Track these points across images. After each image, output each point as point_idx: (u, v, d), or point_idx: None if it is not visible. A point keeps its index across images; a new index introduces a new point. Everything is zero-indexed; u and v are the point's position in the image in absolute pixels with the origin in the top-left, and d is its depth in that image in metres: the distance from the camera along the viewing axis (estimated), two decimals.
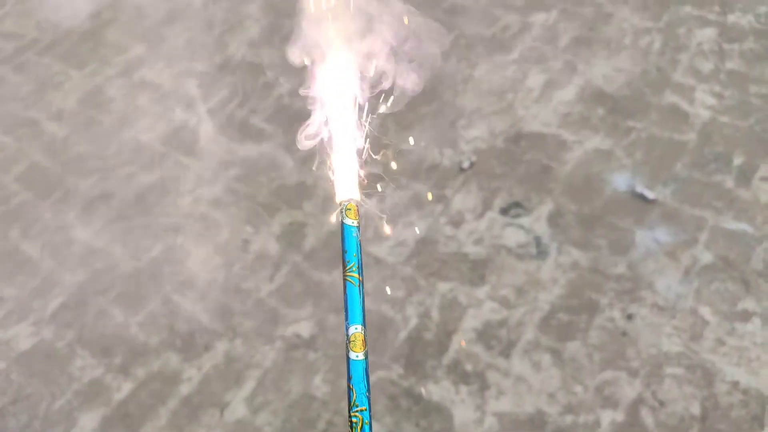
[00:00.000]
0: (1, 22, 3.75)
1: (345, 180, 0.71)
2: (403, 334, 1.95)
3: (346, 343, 0.65)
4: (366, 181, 0.73)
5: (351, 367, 0.64)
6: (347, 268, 0.68)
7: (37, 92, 3.17)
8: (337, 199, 0.71)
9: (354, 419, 0.62)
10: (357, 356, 0.65)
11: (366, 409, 0.62)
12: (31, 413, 1.93)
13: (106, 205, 2.52)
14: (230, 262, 2.24)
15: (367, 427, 0.62)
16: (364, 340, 0.65)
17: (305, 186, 2.46)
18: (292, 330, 2.01)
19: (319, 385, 1.87)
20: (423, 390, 1.82)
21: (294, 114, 2.76)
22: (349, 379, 0.64)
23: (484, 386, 1.81)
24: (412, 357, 1.90)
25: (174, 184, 2.56)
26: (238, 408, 1.85)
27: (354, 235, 0.69)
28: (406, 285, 2.08)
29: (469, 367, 1.86)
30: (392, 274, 2.11)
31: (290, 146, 2.62)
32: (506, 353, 1.87)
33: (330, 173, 0.73)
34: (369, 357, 0.64)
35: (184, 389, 1.91)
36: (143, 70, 3.17)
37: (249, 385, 1.89)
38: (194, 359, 1.98)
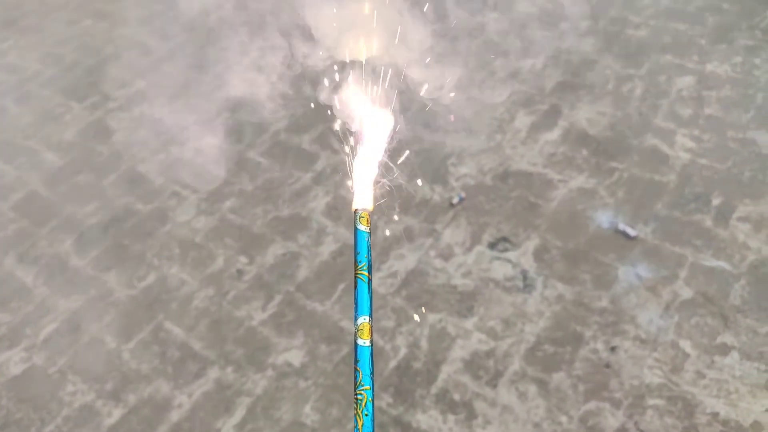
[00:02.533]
0: (5, 55, 3.85)
1: (362, 192, 0.82)
2: (392, 364, 1.99)
3: (355, 332, 0.73)
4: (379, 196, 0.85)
5: (358, 352, 0.72)
6: (359, 267, 0.76)
7: (38, 123, 3.24)
8: (353, 207, 0.81)
9: (359, 396, 0.69)
10: (364, 342, 0.73)
11: (370, 388, 0.70)
12: None
13: (103, 234, 2.56)
14: (224, 290, 2.28)
15: (370, 405, 0.69)
16: (371, 330, 0.73)
17: (299, 218, 2.52)
18: (284, 358, 2.04)
19: (309, 413, 1.89)
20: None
21: (289, 149, 2.85)
22: (356, 362, 0.71)
23: (471, 415, 1.84)
24: (401, 386, 1.93)
25: (171, 214, 2.62)
26: None
27: (366, 239, 0.78)
28: (396, 315, 2.13)
29: (456, 397, 1.89)
30: (383, 305, 2.16)
31: (286, 180, 2.70)
32: (493, 383, 1.91)
33: (350, 185, 0.84)
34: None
35: (175, 416, 1.92)
36: (143, 104, 3.26)
37: (239, 413, 1.91)
38: (185, 386, 2.00)
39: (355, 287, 0.75)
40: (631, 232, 2.28)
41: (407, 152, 1.02)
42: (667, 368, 1.93)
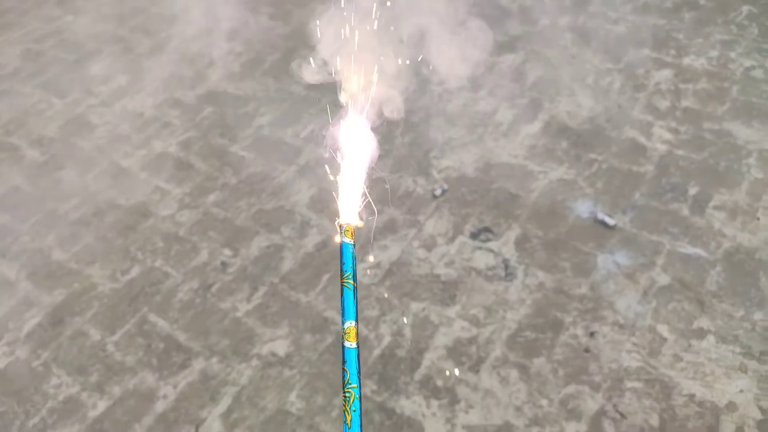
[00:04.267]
0: None
1: (346, 208, 0.89)
2: (376, 352, 2.01)
3: (342, 335, 0.78)
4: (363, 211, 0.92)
5: (346, 353, 0.77)
6: (344, 276, 0.82)
7: (19, 119, 3.22)
8: (339, 222, 0.88)
9: (347, 394, 0.74)
10: (351, 345, 0.78)
11: (357, 386, 0.75)
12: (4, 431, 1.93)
13: (86, 228, 2.56)
14: (208, 283, 2.29)
15: (357, 401, 0.74)
16: (357, 333, 0.79)
17: (283, 211, 2.54)
18: (269, 348, 2.06)
19: (294, 402, 1.91)
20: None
21: (273, 144, 2.86)
22: (344, 362, 0.76)
23: (454, 400, 1.87)
24: (386, 373, 1.95)
25: (154, 208, 2.62)
26: (213, 424, 1.88)
27: (351, 251, 0.84)
28: (380, 305, 2.15)
29: (439, 383, 1.92)
30: (367, 294, 2.18)
31: (270, 173, 2.71)
32: (475, 369, 1.94)
33: (336, 199, 0.91)
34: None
35: (160, 406, 1.93)
36: (125, 99, 3.25)
37: (225, 402, 1.92)
38: (170, 377, 2.00)
39: (342, 294, 0.80)
40: (610, 221, 2.33)
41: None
42: (645, 352, 1.97)
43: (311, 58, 1.16)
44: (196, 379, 1.99)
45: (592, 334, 2.02)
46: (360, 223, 0.89)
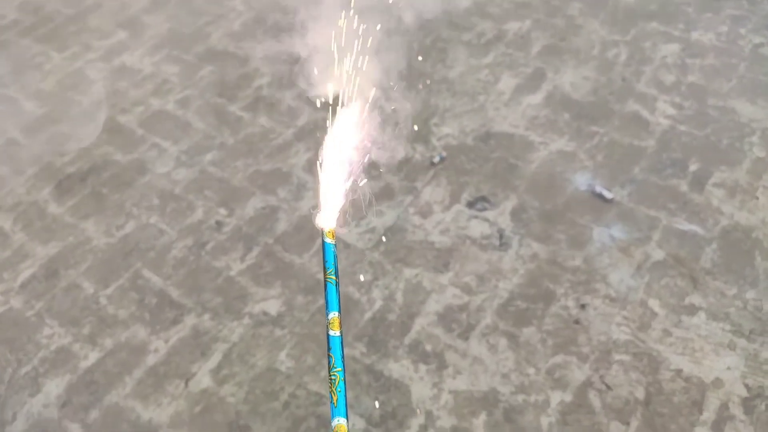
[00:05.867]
0: None
1: (328, 213, 0.98)
2: (367, 315, 2.02)
3: (327, 324, 0.87)
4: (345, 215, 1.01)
5: (330, 341, 0.85)
6: (327, 272, 0.91)
7: (17, 72, 3.18)
8: (322, 226, 0.96)
9: (333, 376, 0.82)
10: (335, 333, 0.86)
11: (341, 370, 0.83)
12: None
13: (81, 183, 2.55)
14: (203, 241, 2.29)
15: (342, 383, 0.82)
16: (340, 322, 0.87)
17: (280, 173, 2.52)
18: (260, 307, 2.07)
19: (284, 360, 1.93)
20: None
21: (272, 105, 2.83)
22: (329, 349, 0.84)
23: (442, 365, 1.89)
24: (376, 337, 1.97)
25: (151, 165, 2.60)
26: (203, 379, 1.90)
27: (332, 250, 0.93)
28: (373, 269, 2.15)
29: (428, 348, 1.93)
30: (360, 259, 2.18)
31: (267, 135, 2.69)
32: (465, 336, 1.96)
33: (320, 204, 0.99)
34: None
35: (151, 360, 1.95)
36: (124, 55, 3.21)
37: (215, 358, 1.94)
38: (162, 332, 2.02)
39: (325, 289, 0.89)
40: (608, 194, 2.31)
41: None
42: (634, 326, 1.98)
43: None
44: (188, 335, 2.01)
45: (583, 306, 2.02)
46: (343, 228, 0.99)
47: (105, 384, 1.90)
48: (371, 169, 1.08)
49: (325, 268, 0.91)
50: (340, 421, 0.79)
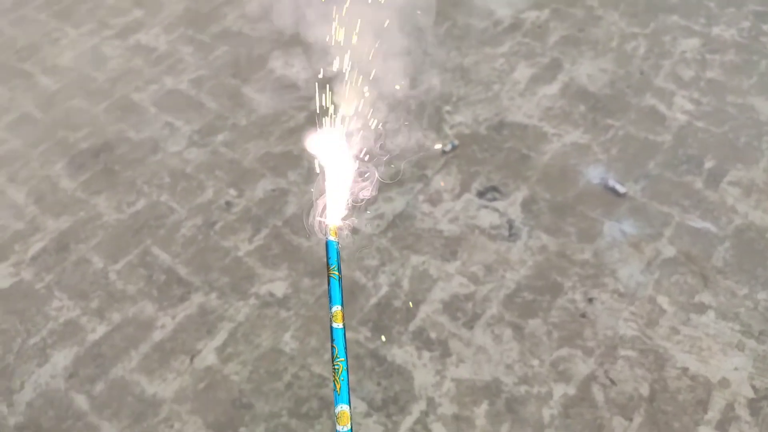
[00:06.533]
0: None
1: (332, 210, 1.02)
2: (373, 300, 2.02)
3: (330, 318, 0.90)
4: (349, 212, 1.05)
5: (334, 333, 0.89)
6: (331, 268, 0.94)
7: (33, 46, 3.20)
8: (327, 223, 1.00)
9: (336, 366, 0.86)
10: (338, 325, 0.89)
11: (344, 360, 0.87)
12: (5, 347, 1.97)
13: (94, 159, 2.56)
14: (212, 221, 2.29)
15: (345, 372, 0.86)
16: (343, 315, 0.91)
17: (291, 156, 2.52)
18: (267, 288, 2.07)
19: (288, 341, 1.93)
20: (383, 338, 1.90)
21: (285, 87, 2.82)
22: (333, 341, 0.88)
23: (445, 353, 1.89)
24: (380, 322, 1.97)
25: (163, 144, 2.61)
26: (208, 356, 1.91)
27: (335, 247, 0.97)
28: (380, 255, 2.15)
29: (433, 335, 1.93)
30: (368, 244, 2.18)
31: (279, 117, 2.68)
32: (470, 325, 1.95)
33: (324, 201, 1.03)
34: None
35: (157, 335, 1.97)
36: (140, 33, 3.21)
37: (221, 337, 1.95)
38: (169, 308, 2.03)
39: (329, 284, 0.93)
40: (621, 188, 2.29)
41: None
42: (642, 322, 1.96)
43: None
44: (195, 313, 2.02)
45: (590, 300, 2.01)
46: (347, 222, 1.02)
47: (111, 357, 1.92)
48: (377, 158, 1.09)
49: (328, 264, 0.95)
50: (343, 408, 0.83)
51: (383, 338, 1.76)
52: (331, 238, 0.98)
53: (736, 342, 1.90)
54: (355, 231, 2.22)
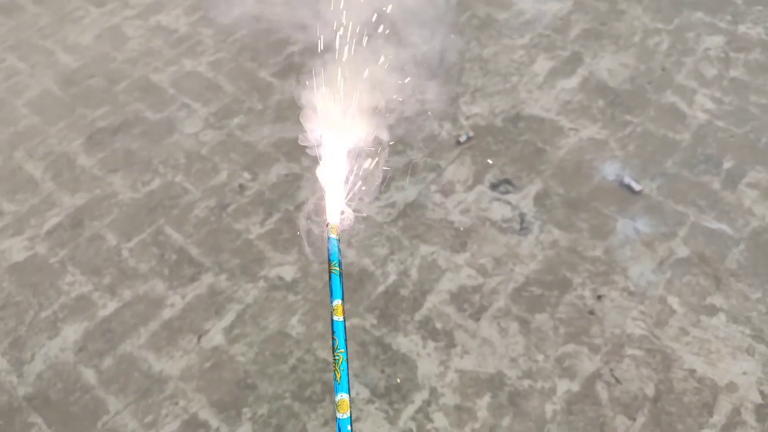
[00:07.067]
0: None
1: (331, 209, 1.06)
2: (380, 288, 2.03)
3: (331, 311, 0.93)
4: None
5: (334, 325, 0.92)
6: (332, 264, 0.98)
7: (55, 24, 3.23)
8: (327, 221, 1.06)
9: (336, 357, 0.90)
10: (339, 318, 0.92)
11: (344, 351, 0.90)
12: (18, 319, 2.01)
13: (111, 137, 2.59)
14: (225, 203, 2.31)
15: (345, 363, 0.89)
16: (343, 309, 0.94)
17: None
18: (276, 272, 2.09)
19: (295, 325, 1.95)
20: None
21: (303, 73, 2.82)
22: (333, 332, 0.91)
23: (450, 344, 1.89)
24: (387, 310, 1.97)
25: (179, 125, 2.63)
26: (215, 337, 1.93)
27: (336, 245, 1.01)
28: (390, 244, 2.15)
29: (439, 325, 1.93)
30: (379, 232, 2.18)
31: (295, 102, 2.68)
32: (476, 317, 1.95)
33: (324, 202, 1.07)
34: (346, 306, 0.96)
35: (167, 314, 1.99)
36: (161, 14, 3.22)
37: (229, 317, 1.97)
38: (179, 288, 2.06)
39: (330, 279, 0.97)
40: (636, 186, 2.26)
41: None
42: (651, 321, 1.94)
43: None
44: (204, 293, 2.04)
45: (599, 297, 1.99)
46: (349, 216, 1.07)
47: (121, 333, 1.95)
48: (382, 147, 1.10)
49: (329, 261, 0.98)
50: (343, 396, 0.87)
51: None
52: (332, 236, 1.02)
53: (746, 346, 1.87)
54: (365, 218, 2.22)
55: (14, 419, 1.79)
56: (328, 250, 1.00)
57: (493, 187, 2.31)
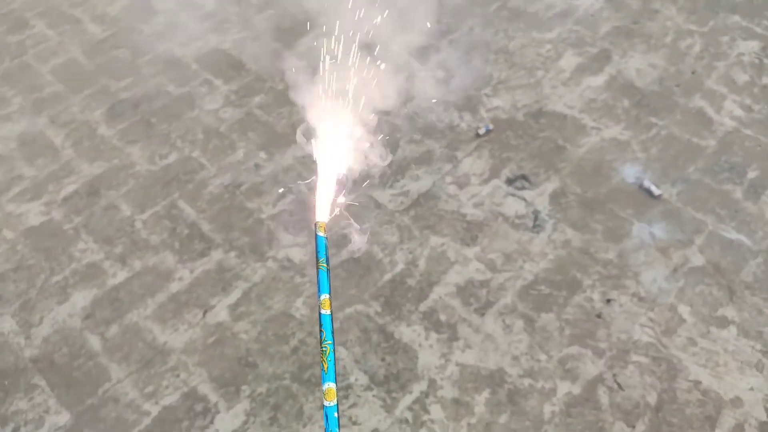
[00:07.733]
0: None
1: (320, 209, 1.14)
2: (387, 276, 2.02)
3: (319, 305, 0.98)
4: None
5: (322, 318, 0.97)
6: (320, 261, 1.04)
7: None
8: (316, 220, 1.12)
9: (324, 348, 0.95)
10: (326, 312, 0.98)
11: (331, 343, 0.95)
12: (29, 282, 2.05)
13: (133, 109, 2.61)
14: (239, 181, 2.32)
15: (332, 354, 0.94)
16: (330, 303, 0.99)
17: None
18: (285, 253, 2.09)
19: (300, 307, 1.95)
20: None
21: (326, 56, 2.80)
22: (321, 325, 0.97)
23: (453, 337, 1.88)
24: (392, 298, 1.97)
25: (200, 101, 2.64)
26: (220, 313, 1.95)
27: (324, 242, 1.07)
28: (400, 232, 2.14)
29: (443, 318, 1.92)
30: (390, 220, 2.17)
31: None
32: (481, 312, 1.93)
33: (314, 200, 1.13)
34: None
35: (174, 287, 2.01)
36: None
37: (235, 295, 1.99)
38: (189, 262, 2.08)
39: (318, 275, 1.01)
40: (656, 190, 2.21)
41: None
42: (659, 329, 1.91)
43: None
44: (213, 269, 2.06)
45: (608, 301, 1.96)
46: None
47: (128, 303, 1.98)
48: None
49: (317, 258, 1.03)
50: (330, 385, 0.92)
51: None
52: (320, 233, 1.08)
53: (756, 362, 1.83)
54: (377, 205, 2.21)
55: (19, 380, 1.83)
56: (316, 247, 1.05)
57: (509, 182, 2.28)
